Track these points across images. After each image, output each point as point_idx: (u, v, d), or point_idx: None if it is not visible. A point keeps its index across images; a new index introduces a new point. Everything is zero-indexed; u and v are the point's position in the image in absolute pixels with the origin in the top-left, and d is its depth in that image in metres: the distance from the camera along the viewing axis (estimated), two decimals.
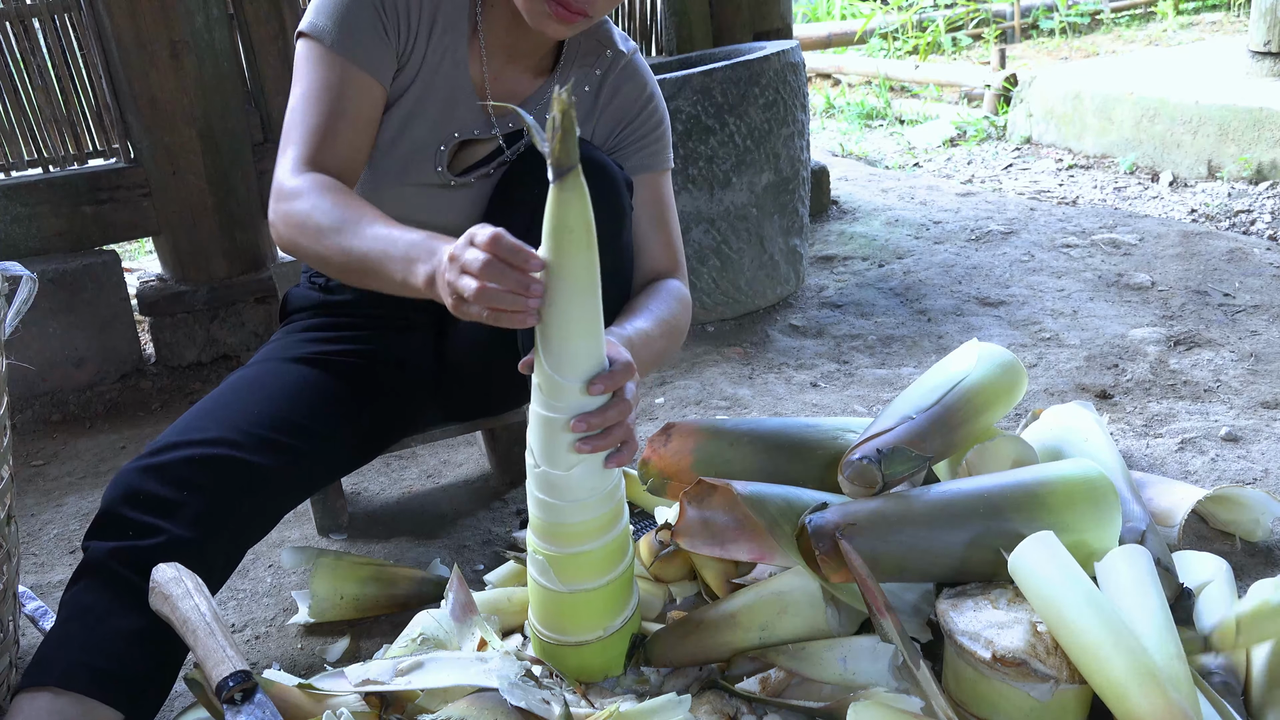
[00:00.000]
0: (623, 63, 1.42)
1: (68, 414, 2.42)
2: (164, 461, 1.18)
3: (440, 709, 1.10)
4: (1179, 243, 2.82)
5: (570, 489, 1.11)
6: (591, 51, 1.41)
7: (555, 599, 1.17)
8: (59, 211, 2.47)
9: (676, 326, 1.35)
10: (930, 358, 2.21)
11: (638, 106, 1.43)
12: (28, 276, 1.26)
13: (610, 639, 1.19)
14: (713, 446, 1.42)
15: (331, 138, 1.23)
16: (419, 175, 1.38)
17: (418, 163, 1.37)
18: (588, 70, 1.41)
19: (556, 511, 1.13)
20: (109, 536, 1.14)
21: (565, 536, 1.14)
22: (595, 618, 1.18)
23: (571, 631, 1.18)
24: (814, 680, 1.14)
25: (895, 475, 1.24)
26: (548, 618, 1.19)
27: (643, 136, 1.43)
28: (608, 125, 1.43)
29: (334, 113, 1.24)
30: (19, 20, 2.40)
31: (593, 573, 1.16)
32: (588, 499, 1.12)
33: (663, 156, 1.45)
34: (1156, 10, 6.61)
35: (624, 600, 1.20)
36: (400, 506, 1.83)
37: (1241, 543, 1.46)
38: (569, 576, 1.15)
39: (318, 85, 1.24)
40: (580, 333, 1.04)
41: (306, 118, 1.24)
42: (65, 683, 1.06)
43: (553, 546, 1.15)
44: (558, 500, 1.12)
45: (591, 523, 1.13)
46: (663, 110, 1.45)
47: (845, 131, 4.99)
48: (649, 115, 1.44)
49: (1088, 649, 1.00)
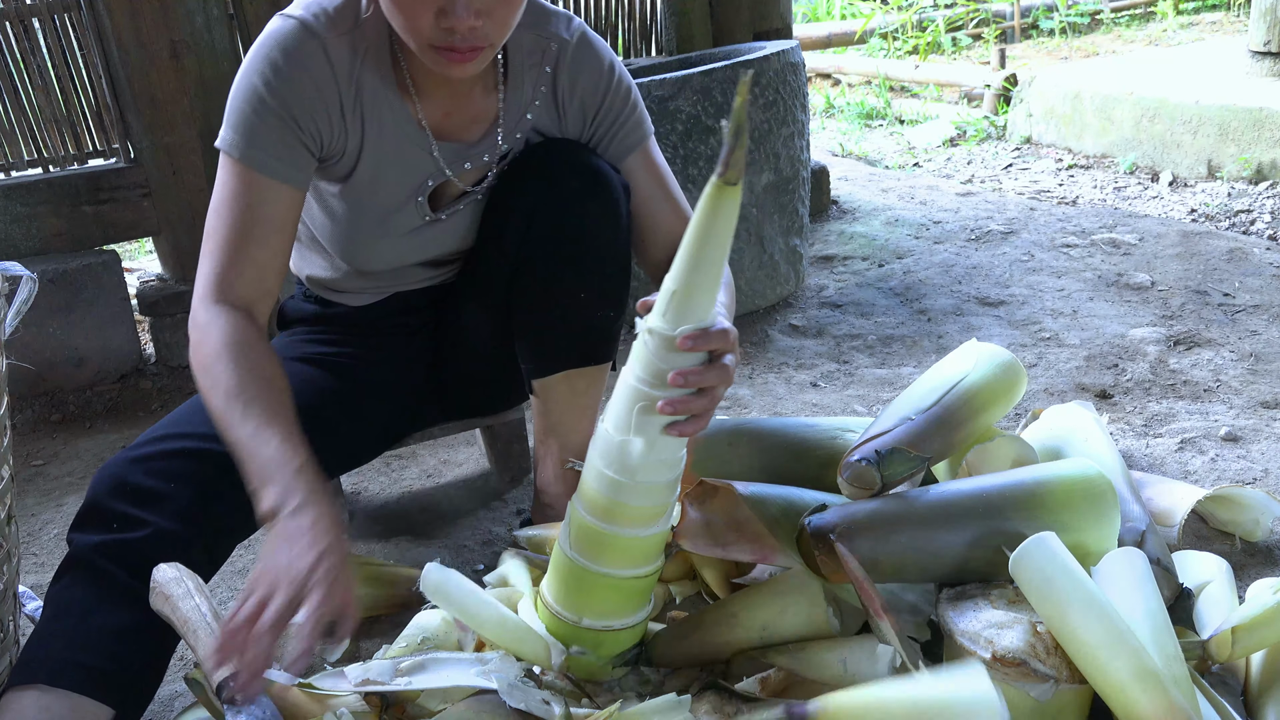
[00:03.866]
0: (570, 50, 1.35)
1: (68, 414, 2.42)
2: (151, 453, 1.17)
3: (440, 710, 1.10)
4: (1179, 242, 2.82)
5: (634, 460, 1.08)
6: (536, 49, 1.34)
7: (581, 575, 1.15)
8: (59, 211, 2.47)
9: (732, 287, 1.32)
10: (930, 358, 2.21)
11: (602, 89, 1.36)
12: (28, 276, 1.26)
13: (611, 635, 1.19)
14: (712, 447, 1.42)
15: (243, 253, 1.23)
16: (402, 223, 1.37)
17: (397, 216, 1.36)
18: (538, 69, 1.35)
19: (614, 486, 1.10)
20: (94, 529, 1.13)
21: (614, 513, 1.11)
22: (608, 607, 1.16)
23: (583, 614, 1.17)
24: (814, 681, 1.14)
25: (894, 476, 1.24)
26: (565, 594, 1.18)
27: (617, 116, 1.38)
28: (577, 119, 1.37)
29: (245, 226, 1.23)
30: (19, 20, 2.40)
31: (625, 560, 1.14)
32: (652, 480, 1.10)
33: (642, 127, 1.40)
34: (1156, 10, 6.61)
35: (640, 601, 1.19)
36: (400, 506, 1.83)
37: (1241, 543, 1.46)
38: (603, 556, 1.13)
39: (227, 197, 1.24)
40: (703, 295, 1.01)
41: (218, 230, 1.24)
42: (53, 679, 1.06)
43: (599, 521, 1.12)
44: (614, 473, 1.09)
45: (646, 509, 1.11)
46: (628, 82, 1.39)
47: (845, 131, 4.99)
48: (615, 92, 1.37)
49: (1089, 649, 1.00)
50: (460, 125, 1.34)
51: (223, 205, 1.24)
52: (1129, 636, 1.00)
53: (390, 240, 1.38)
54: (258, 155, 1.23)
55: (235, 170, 1.23)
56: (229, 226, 1.23)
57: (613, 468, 1.10)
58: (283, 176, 1.24)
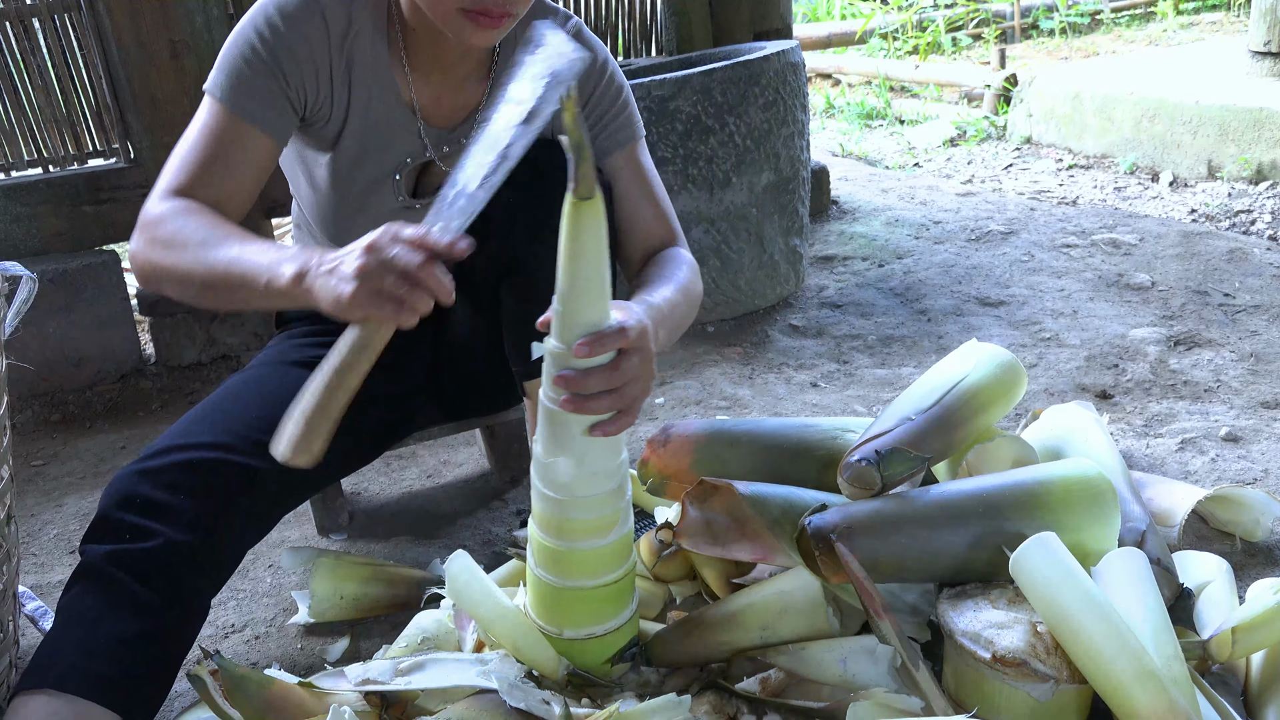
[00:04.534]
0: None
1: (67, 414, 2.42)
2: (159, 465, 1.18)
3: (440, 709, 1.10)
4: (1179, 243, 2.82)
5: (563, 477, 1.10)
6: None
7: (551, 592, 1.17)
8: (59, 211, 2.47)
9: (694, 292, 1.34)
10: (930, 358, 2.21)
11: (591, 83, 1.39)
12: (28, 276, 1.26)
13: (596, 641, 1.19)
14: (712, 447, 1.42)
15: (208, 176, 1.23)
16: (380, 204, 1.38)
17: (376, 194, 1.37)
18: None
19: (555, 504, 1.12)
20: (105, 540, 1.14)
21: (564, 530, 1.13)
22: (585, 617, 1.17)
23: (563, 626, 1.18)
24: (814, 681, 1.14)
25: (894, 476, 1.24)
26: (543, 610, 1.19)
27: (605, 112, 1.40)
28: None
29: (215, 156, 1.24)
30: (19, 20, 2.40)
31: (587, 571, 1.15)
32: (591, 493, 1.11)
33: (631, 128, 1.42)
34: (1156, 10, 6.61)
35: (617, 606, 1.19)
36: (400, 506, 1.83)
37: (1241, 543, 1.46)
38: (565, 571, 1.15)
39: (203, 131, 1.25)
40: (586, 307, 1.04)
41: (186, 157, 1.24)
42: (62, 685, 1.06)
43: (551, 539, 1.14)
44: (551, 491, 1.11)
45: (592, 521, 1.13)
46: (620, 80, 1.41)
47: (845, 131, 4.99)
48: (606, 88, 1.40)
49: (1090, 649, 1.00)
50: (448, 110, 1.36)
51: (196, 136, 1.25)
52: (1129, 636, 1.00)
53: (367, 218, 1.37)
54: (241, 100, 1.25)
55: (216, 111, 1.25)
56: (198, 151, 1.24)
57: (550, 487, 1.12)
58: (262, 123, 1.26)
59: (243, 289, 1.11)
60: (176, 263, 1.16)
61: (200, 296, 1.18)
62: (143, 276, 1.22)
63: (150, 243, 1.19)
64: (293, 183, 1.47)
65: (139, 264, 1.20)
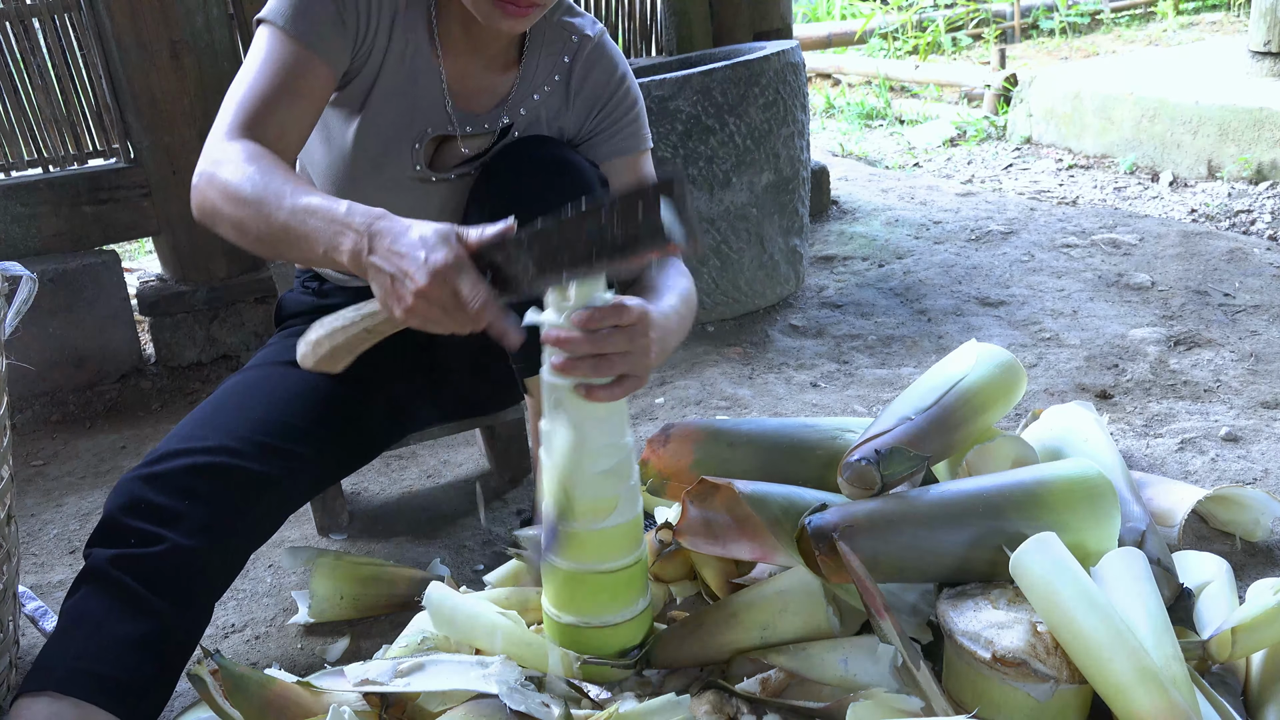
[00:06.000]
0: (590, 46, 1.41)
1: (68, 414, 2.42)
2: (164, 470, 1.18)
3: (440, 712, 1.10)
4: (1179, 243, 2.82)
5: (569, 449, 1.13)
6: (557, 39, 1.40)
7: (561, 577, 1.19)
8: (59, 211, 2.47)
9: (692, 301, 1.36)
10: (930, 358, 2.21)
11: (609, 90, 1.42)
12: (28, 276, 1.26)
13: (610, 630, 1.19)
14: (712, 447, 1.42)
15: (273, 108, 1.22)
16: (396, 170, 1.38)
17: (393, 158, 1.37)
18: (555, 58, 1.40)
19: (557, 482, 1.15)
20: (110, 544, 1.14)
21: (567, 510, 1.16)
22: (596, 603, 1.18)
23: (575, 613, 1.19)
24: (814, 681, 1.14)
25: (894, 476, 1.24)
26: (554, 597, 1.21)
27: (617, 120, 1.43)
28: (581, 111, 1.42)
29: (279, 86, 1.23)
30: (19, 20, 2.40)
31: (594, 554, 1.17)
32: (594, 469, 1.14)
33: (639, 137, 1.45)
34: (1156, 10, 6.61)
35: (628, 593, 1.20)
36: (400, 506, 1.83)
37: (1241, 543, 1.46)
38: (574, 553, 1.17)
39: (266, 60, 1.24)
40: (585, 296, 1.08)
41: (251, 88, 1.23)
42: (64, 688, 1.06)
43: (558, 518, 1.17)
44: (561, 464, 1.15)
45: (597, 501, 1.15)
46: (635, 91, 1.44)
47: (845, 131, 4.99)
48: (622, 98, 1.43)
49: (1090, 649, 1.00)
50: (473, 91, 1.38)
51: (258, 66, 1.24)
52: (1129, 636, 1.00)
53: (379, 183, 1.37)
54: (305, 27, 1.24)
55: (278, 38, 1.24)
56: (263, 83, 1.23)
57: (553, 458, 1.15)
58: (323, 53, 1.25)
59: (297, 251, 1.12)
60: (234, 212, 1.15)
61: (255, 247, 1.18)
62: (200, 214, 1.21)
63: (210, 183, 1.17)
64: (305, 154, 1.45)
65: (198, 202, 1.20)
